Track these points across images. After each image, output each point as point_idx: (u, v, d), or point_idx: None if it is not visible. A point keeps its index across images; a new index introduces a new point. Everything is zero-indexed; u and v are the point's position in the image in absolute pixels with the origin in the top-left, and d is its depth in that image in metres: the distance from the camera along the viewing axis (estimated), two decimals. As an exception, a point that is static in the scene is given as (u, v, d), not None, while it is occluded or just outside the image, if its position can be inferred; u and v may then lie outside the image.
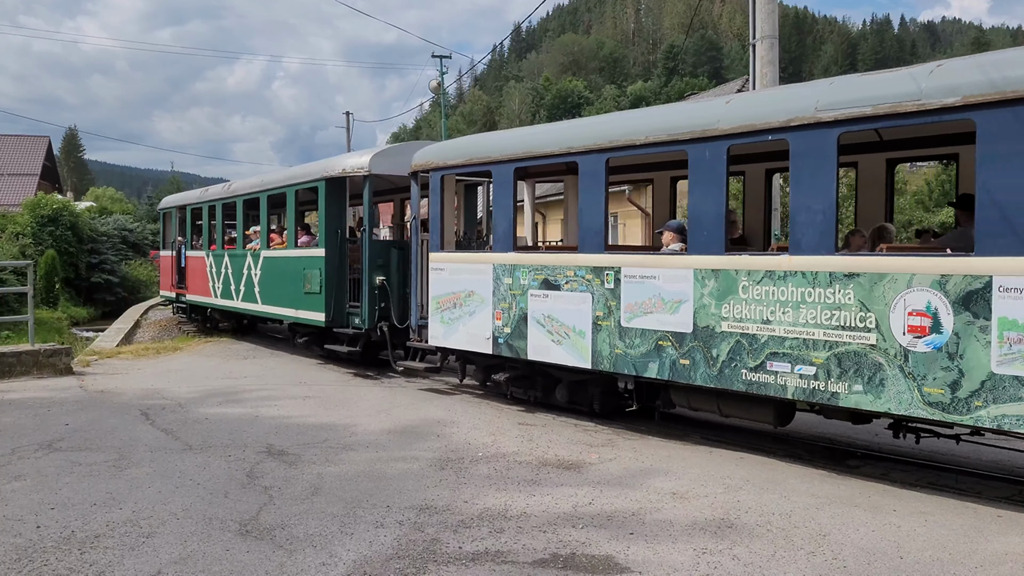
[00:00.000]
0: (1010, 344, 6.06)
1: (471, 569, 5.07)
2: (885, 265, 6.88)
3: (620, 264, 8.90)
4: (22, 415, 9.65)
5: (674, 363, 8.32)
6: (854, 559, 5.30)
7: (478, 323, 10.58)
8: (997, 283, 6.16)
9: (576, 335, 9.29)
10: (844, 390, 7.02)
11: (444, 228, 11.37)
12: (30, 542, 5.48)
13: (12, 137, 60.03)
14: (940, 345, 6.48)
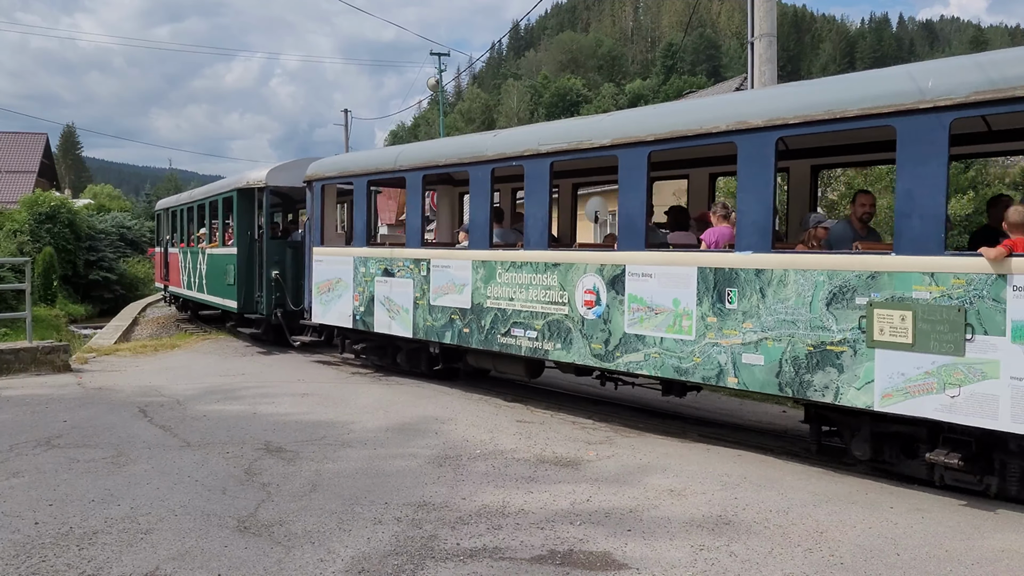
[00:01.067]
0: (634, 312, 8.74)
1: (468, 565, 5.07)
2: (573, 257, 9.55)
3: (430, 256, 11.59)
4: (20, 412, 9.64)
5: (460, 332, 11.00)
6: (851, 556, 5.31)
7: (343, 304, 13.28)
8: (628, 270, 8.80)
9: (404, 312, 12.00)
10: (552, 348, 9.68)
11: (324, 227, 14.07)
12: (28, 538, 5.48)
13: (10, 134, 59.89)
14: (600, 314, 9.14)
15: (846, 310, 7.06)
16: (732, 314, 7.91)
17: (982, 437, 6.58)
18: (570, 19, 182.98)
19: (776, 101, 7.83)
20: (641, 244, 8.77)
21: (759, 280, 7.72)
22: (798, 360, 7.37)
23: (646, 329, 8.65)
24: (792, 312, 7.42)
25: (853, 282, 7.01)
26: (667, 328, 8.48)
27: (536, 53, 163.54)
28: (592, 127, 9.48)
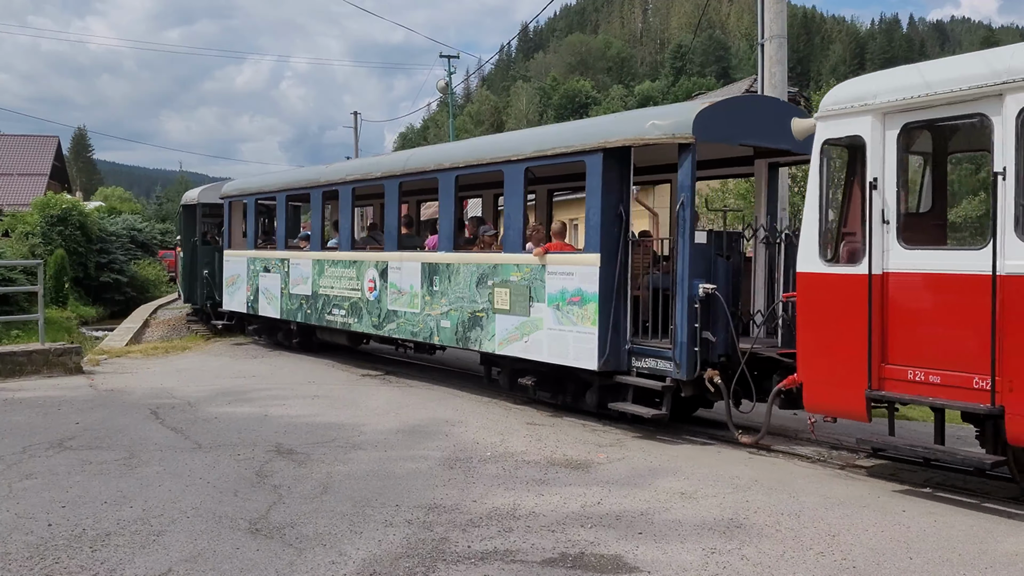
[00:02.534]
0: (393, 295, 12.50)
1: (480, 568, 5.07)
2: (362, 256, 13.49)
3: (289, 257, 15.63)
4: (33, 414, 9.69)
5: (306, 312, 14.99)
6: (864, 560, 5.29)
7: (241, 294, 17.36)
8: (390, 265, 12.58)
9: (275, 299, 15.97)
10: (352, 321, 13.58)
11: (232, 234, 18.17)
12: (41, 540, 5.51)
13: (22, 137, 60.26)
14: (376, 296, 12.92)
15: (484, 289, 10.78)
16: (436, 294, 11.66)
17: (552, 368, 9.97)
18: (579, 21, 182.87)
19: (521, 140, 10.94)
20: (395, 247, 12.73)
21: (448, 271, 11.46)
22: (464, 323, 11.08)
23: (398, 306, 12.46)
24: (462, 291, 11.13)
25: (487, 271, 10.74)
26: (408, 305, 12.28)
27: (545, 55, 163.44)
28: (371, 163, 14.12)
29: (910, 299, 6.81)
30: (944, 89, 6.56)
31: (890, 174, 6.93)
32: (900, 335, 6.81)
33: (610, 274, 9.21)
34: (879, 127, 6.97)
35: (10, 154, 55.94)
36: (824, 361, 7.28)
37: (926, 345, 6.67)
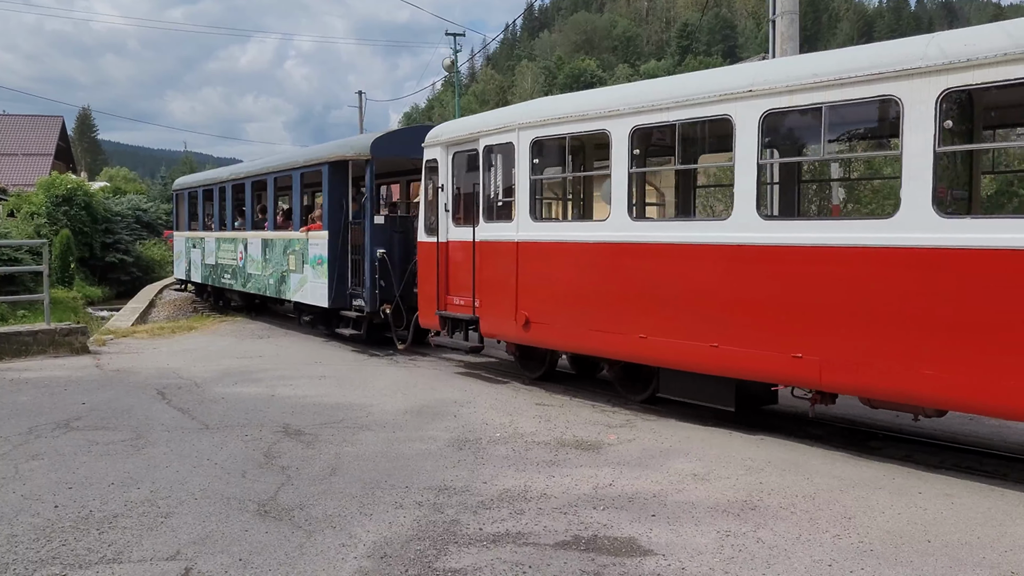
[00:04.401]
0: (251, 262, 17.58)
1: (492, 551, 5.01)
2: (235, 235, 18.64)
3: (204, 236, 21.03)
4: (39, 394, 9.64)
5: (214, 277, 20.27)
6: (881, 542, 5.21)
7: (183, 265, 23.49)
8: (248, 240, 17.46)
9: (199, 267, 21.53)
10: (234, 283, 18.57)
11: (179, 219, 24.07)
12: (48, 521, 5.46)
13: (26, 117, 60.11)
14: (243, 264, 17.82)
15: (286, 256, 15.91)
16: (268, 260, 16.76)
17: (321, 311, 14.93)
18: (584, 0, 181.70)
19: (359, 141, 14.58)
20: (250, 228, 18.08)
21: (272, 244, 16.65)
22: (279, 279, 16.24)
23: (252, 270, 17.51)
24: (278, 258, 16.30)
25: (287, 244, 15.87)
26: (256, 269, 17.23)
27: (550, 34, 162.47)
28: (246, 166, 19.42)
29: (454, 256, 11.63)
30: (464, 133, 11.52)
31: (448, 181, 11.71)
32: (450, 277, 11.68)
33: (335, 245, 14.33)
34: (444, 153, 11.81)
35: (15, 134, 55.88)
36: (423, 296, 12.21)
37: (458, 282, 11.49)
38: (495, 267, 10.68)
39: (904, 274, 6.74)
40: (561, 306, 9.79)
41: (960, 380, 6.44)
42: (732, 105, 7.94)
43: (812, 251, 7.37)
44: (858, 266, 7.02)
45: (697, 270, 8.32)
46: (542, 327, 10.06)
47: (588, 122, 9.45)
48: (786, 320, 7.55)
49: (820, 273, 7.30)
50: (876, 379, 6.94)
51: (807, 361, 7.37)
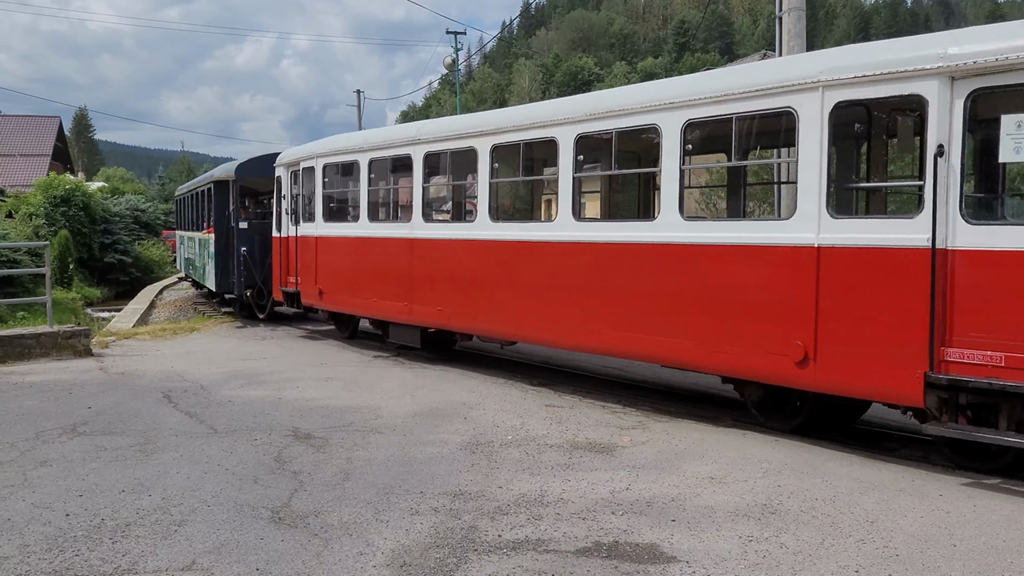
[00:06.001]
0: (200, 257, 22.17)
1: (513, 559, 4.93)
2: (197, 236, 22.24)
3: (186, 235, 25.50)
4: (44, 398, 9.55)
5: (190, 270, 25.06)
6: (906, 547, 5.14)
7: (181, 259, 27.89)
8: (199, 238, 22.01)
9: (184, 260, 26.86)
10: (195, 274, 23.82)
11: (178, 220, 28.62)
12: (60, 531, 5.37)
13: (23, 118, 59.86)
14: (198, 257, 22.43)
15: (204, 251, 20.50)
16: (199, 254, 21.38)
17: (211, 292, 21.15)
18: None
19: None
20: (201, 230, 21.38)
21: (202, 242, 20.57)
22: (205, 269, 20.34)
23: (200, 263, 21.24)
24: (204, 252, 20.50)
25: (204, 242, 20.30)
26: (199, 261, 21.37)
27: (547, 32, 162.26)
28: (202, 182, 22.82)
29: (290, 248, 15.77)
30: (293, 158, 15.73)
31: (288, 193, 15.87)
32: (288, 263, 15.79)
33: (220, 243, 18.71)
34: (285, 172, 15.97)
35: (12, 135, 55.65)
36: (275, 277, 16.65)
37: (291, 267, 15.60)
38: (306, 255, 15.03)
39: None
40: (340, 281, 14.06)
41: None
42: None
43: None
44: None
45: (390, 254, 12.66)
46: (330, 296, 14.39)
47: (349, 154, 13.95)
48: (431, 284, 11.82)
49: None
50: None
51: (440, 311, 11.61)
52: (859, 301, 7.05)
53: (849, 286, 7.11)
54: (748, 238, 7.94)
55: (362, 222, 13.39)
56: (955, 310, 6.55)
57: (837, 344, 7.19)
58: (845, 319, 7.13)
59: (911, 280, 6.69)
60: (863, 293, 7.02)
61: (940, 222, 6.56)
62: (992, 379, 6.34)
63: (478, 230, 11.00)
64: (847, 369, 7.16)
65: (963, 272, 6.51)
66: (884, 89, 6.98)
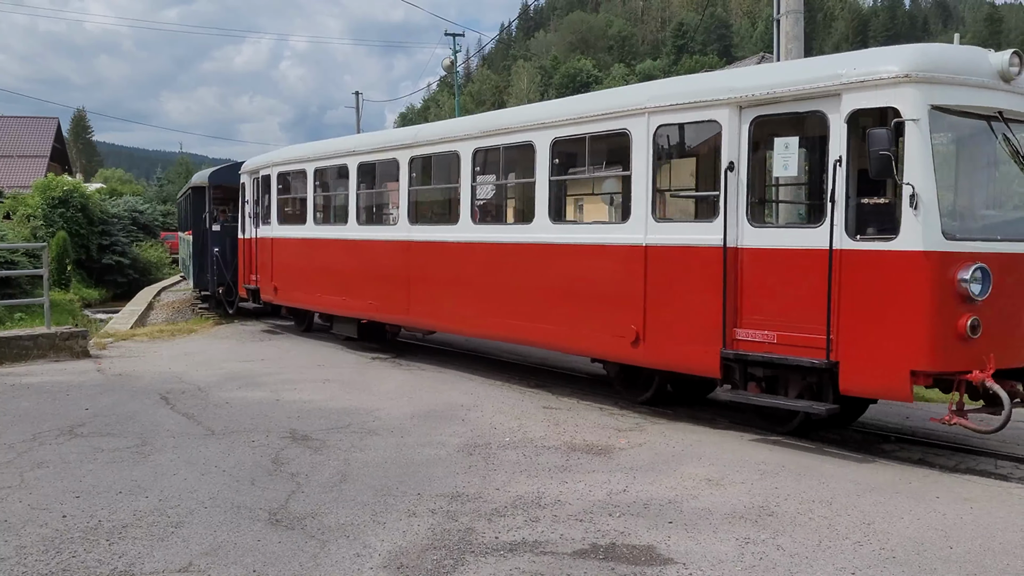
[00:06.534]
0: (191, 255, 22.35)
1: (510, 560, 4.93)
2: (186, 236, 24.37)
3: (181, 237, 27.20)
4: (41, 400, 9.54)
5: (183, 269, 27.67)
6: (903, 549, 5.15)
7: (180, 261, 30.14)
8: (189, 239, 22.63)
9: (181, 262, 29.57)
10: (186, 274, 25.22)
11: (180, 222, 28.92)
12: (57, 532, 5.36)
13: (22, 119, 59.76)
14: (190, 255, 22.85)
15: (187, 250, 23.62)
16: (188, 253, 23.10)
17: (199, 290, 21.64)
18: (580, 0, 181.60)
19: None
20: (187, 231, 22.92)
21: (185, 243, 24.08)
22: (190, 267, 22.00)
23: (186, 261, 23.63)
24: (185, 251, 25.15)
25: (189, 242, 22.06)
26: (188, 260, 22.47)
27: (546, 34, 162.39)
28: None
29: (253, 248, 17.00)
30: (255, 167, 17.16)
31: (251, 198, 17.18)
32: (250, 262, 17.19)
33: (197, 244, 19.90)
34: (249, 179, 17.38)
35: (10, 136, 55.58)
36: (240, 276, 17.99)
37: (253, 265, 16.99)
38: (264, 255, 16.46)
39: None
40: (292, 278, 15.50)
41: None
42: None
43: None
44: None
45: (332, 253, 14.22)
46: (284, 292, 15.73)
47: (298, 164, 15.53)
48: (362, 281, 13.35)
49: None
50: None
51: (371, 304, 13.12)
52: (674, 290, 8.45)
53: (667, 278, 8.50)
54: (599, 239, 9.32)
55: (309, 225, 15.02)
56: (742, 297, 7.91)
57: (660, 326, 8.54)
58: (665, 306, 8.50)
59: (709, 273, 8.01)
60: (677, 284, 8.41)
61: (730, 225, 7.93)
62: (769, 354, 7.69)
63: (398, 232, 12.55)
64: (667, 347, 8.52)
65: (747, 266, 7.86)
66: (692, 115, 8.41)
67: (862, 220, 7.34)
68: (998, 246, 7.30)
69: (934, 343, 6.86)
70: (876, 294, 7.04)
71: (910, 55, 7.17)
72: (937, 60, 7.21)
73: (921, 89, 7.00)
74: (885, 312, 7.00)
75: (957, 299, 6.90)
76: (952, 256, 6.92)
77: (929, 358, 6.87)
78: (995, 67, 7.40)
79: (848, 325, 7.15)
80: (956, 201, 7.83)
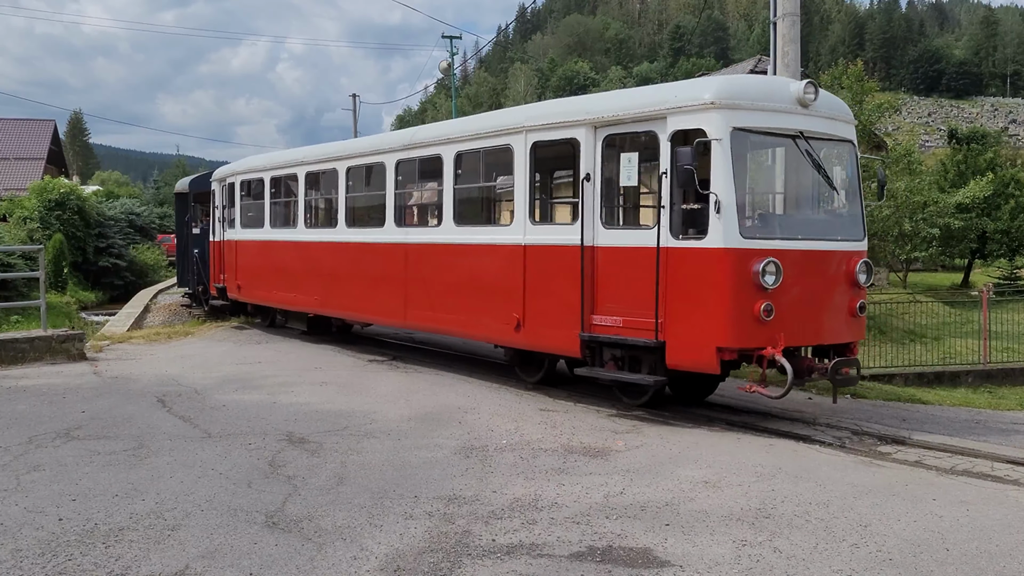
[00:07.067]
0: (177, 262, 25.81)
1: (507, 563, 4.92)
2: None
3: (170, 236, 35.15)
4: (37, 402, 9.52)
5: None
6: (899, 551, 5.15)
7: None
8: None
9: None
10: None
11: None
12: (53, 535, 5.35)
13: (18, 121, 59.72)
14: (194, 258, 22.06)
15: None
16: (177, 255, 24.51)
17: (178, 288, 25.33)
18: (577, 2, 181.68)
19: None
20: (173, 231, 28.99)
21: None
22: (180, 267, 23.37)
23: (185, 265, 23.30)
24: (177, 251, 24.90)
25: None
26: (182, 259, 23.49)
27: (543, 36, 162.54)
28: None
29: (220, 250, 18.19)
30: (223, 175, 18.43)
31: (220, 202, 18.27)
32: (218, 263, 18.30)
33: (180, 246, 22.05)
34: (218, 186, 18.35)
35: (6, 138, 55.52)
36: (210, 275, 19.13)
37: (220, 266, 18.23)
38: (229, 256, 17.71)
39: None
40: (253, 277, 16.92)
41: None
42: None
43: None
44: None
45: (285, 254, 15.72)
46: (246, 290, 17.22)
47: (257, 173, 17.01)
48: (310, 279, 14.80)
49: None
50: None
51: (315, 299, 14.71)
52: (546, 283, 9.74)
53: (541, 273, 9.81)
54: (491, 239, 10.73)
55: (266, 228, 16.47)
56: (597, 288, 9.21)
57: (535, 314, 9.86)
58: (539, 296, 9.79)
59: (571, 268, 9.27)
60: (548, 278, 9.70)
61: (587, 228, 9.24)
62: (617, 336, 9.01)
63: (338, 235, 13.99)
64: (541, 332, 9.83)
65: (601, 262, 9.18)
66: (558, 133, 9.73)
67: (683, 223, 8.62)
68: (789, 244, 8.59)
69: (735, 324, 8.17)
70: (691, 284, 8.36)
71: (717, 85, 8.52)
72: (740, 89, 8.59)
73: (724, 114, 8.25)
74: (697, 299, 8.32)
75: (753, 288, 8.15)
76: (749, 252, 8.17)
77: (731, 337, 8.17)
78: (794, 95, 8.75)
79: (671, 310, 8.47)
80: (756, 206, 9.30)
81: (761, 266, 8.10)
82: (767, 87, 9.08)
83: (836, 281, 8.91)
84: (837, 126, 9.27)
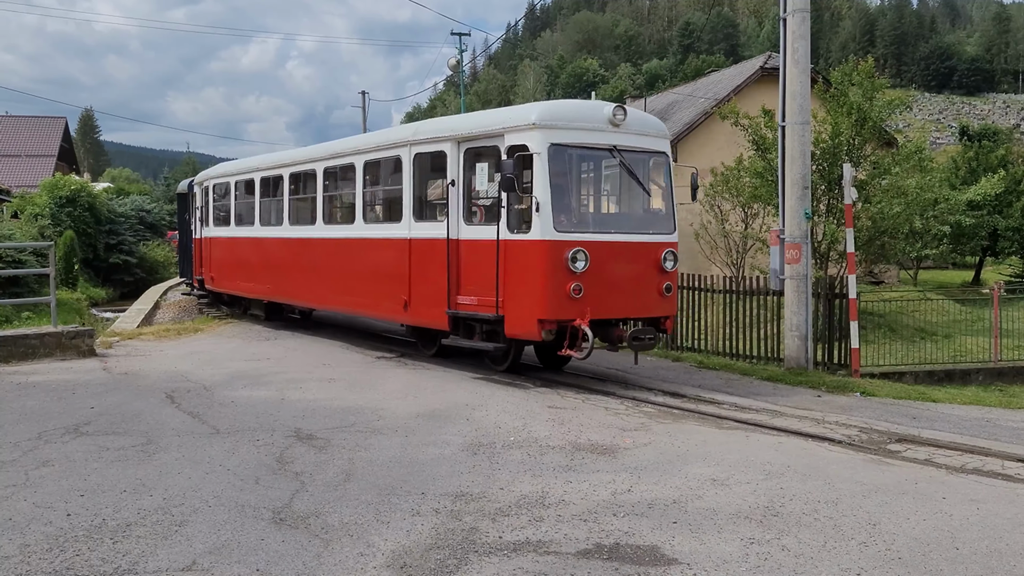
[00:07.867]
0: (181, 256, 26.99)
1: (514, 560, 4.91)
2: None
3: None
4: (47, 398, 9.56)
5: None
6: (908, 550, 5.12)
7: None
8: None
9: None
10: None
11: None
12: (61, 530, 5.36)
13: (30, 118, 59.99)
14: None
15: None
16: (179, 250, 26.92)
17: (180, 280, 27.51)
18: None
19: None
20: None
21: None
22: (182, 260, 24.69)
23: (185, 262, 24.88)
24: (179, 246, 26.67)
25: None
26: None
27: (552, 34, 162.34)
28: None
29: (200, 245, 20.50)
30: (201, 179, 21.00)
31: (200, 203, 20.37)
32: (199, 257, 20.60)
33: (182, 241, 23.18)
34: (198, 188, 20.60)
35: (18, 135, 55.82)
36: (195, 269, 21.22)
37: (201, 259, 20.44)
38: (206, 251, 20.01)
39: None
40: (223, 270, 19.05)
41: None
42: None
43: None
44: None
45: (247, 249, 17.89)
46: (218, 281, 19.41)
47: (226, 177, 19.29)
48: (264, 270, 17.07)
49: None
50: None
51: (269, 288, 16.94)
52: (424, 270, 11.68)
53: (421, 262, 11.76)
54: (387, 234, 12.75)
55: (232, 226, 18.79)
56: (460, 274, 11.11)
57: (418, 296, 11.84)
58: (421, 281, 11.78)
59: (441, 257, 11.18)
60: (426, 265, 11.62)
61: (452, 224, 11.19)
62: (473, 312, 10.94)
63: (283, 231, 16.32)
64: (422, 310, 11.83)
65: (463, 253, 11.07)
66: (433, 147, 11.71)
67: (516, 220, 10.48)
68: (598, 236, 10.43)
69: (551, 301, 10.03)
70: (520, 269, 10.27)
71: (540, 109, 10.51)
72: (559, 112, 10.59)
73: (544, 132, 10.15)
74: (524, 281, 10.23)
75: (566, 271, 10.00)
76: (561, 243, 10.03)
77: (548, 311, 10.03)
78: (606, 116, 10.57)
79: (508, 291, 10.38)
80: (569, 206, 10.81)
81: (571, 254, 9.93)
82: (583, 110, 10.90)
83: (644, 267, 10.72)
84: (648, 140, 11.08)
